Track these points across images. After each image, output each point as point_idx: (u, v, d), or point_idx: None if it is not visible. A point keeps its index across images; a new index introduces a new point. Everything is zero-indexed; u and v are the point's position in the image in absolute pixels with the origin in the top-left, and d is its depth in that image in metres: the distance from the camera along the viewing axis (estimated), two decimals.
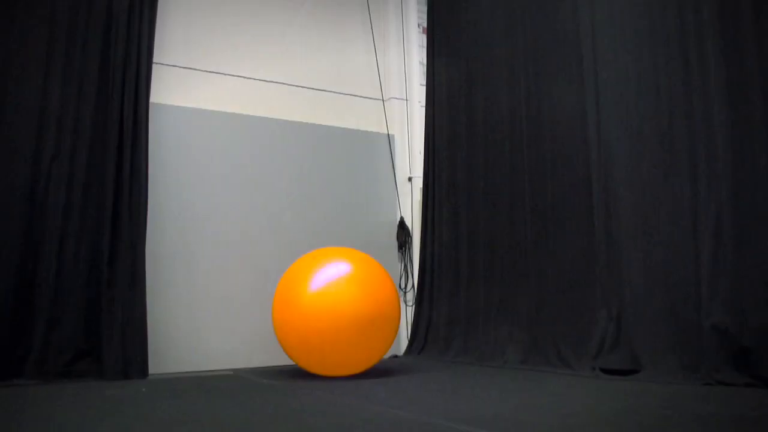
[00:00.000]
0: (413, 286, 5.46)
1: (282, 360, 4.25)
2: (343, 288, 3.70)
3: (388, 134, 5.67)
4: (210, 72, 4.84)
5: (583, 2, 4.11)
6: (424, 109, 5.61)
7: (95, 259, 4.00)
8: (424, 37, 5.72)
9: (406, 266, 5.52)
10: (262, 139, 5.00)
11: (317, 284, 3.70)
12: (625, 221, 3.73)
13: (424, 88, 5.64)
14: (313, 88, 5.29)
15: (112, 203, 4.03)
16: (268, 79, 5.10)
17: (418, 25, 5.84)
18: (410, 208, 5.63)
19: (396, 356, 5.22)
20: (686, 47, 3.48)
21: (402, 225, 5.57)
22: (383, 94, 5.69)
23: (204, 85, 4.80)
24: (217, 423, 2.53)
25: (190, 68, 4.75)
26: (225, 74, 4.91)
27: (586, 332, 3.87)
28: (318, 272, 3.75)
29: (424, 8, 5.74)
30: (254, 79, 5.04)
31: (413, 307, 5.39)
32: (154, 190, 4.27)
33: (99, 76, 4.13)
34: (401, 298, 5.49)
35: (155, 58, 4.37)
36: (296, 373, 4.05)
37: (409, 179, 5.68)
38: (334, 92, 5.41)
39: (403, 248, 5.54)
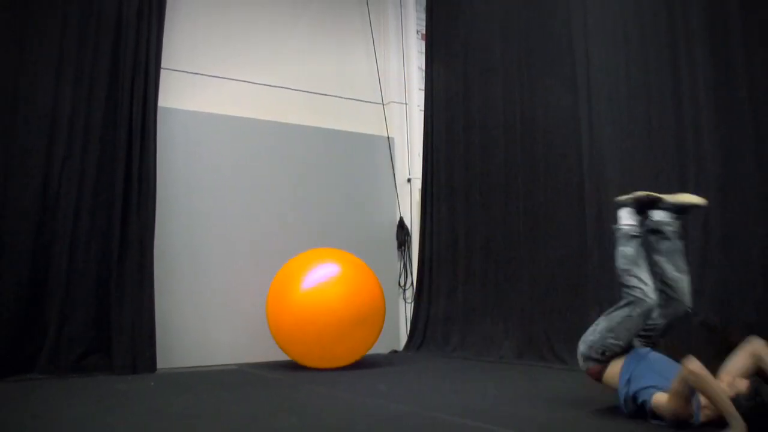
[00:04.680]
0: (412, 283, 5.57)
1: (284, 355, 4.35)
2: (331, 287, 4.02)
3: (388, 137, 5.77)
4: (216, 77, 4.95)
5: (576, 10, 4.23)
6: (422, 112, 5.72)
7: (105, 257, 4.11)
8: (423, 43, 5.83)
9: (405, 264, 5.63)
10: (266, 142, 5.11)
11: (308, 283, 4.02)
12: (616, 221, 3.82)
13: (423, 92, 5.75)
14: (315, 93, 5.41)
15: (122, 203, 4.14)
16: (271, 84, 5.21)
17: (417, 32, 5.95)
18: (409, 208, 5.74)
19: (395, 351, 5.33)
20: (676, 52, 3.60)
21: (401, 225, 5.68)
22: (383, 98, 5.80)
23: (210, 89, 4.91)
24: (222, 416, 2.63)
25: (197, 73, 4.86)
26: (230, 79, 5.01)
27: (579, 328, 3.95)
28: (309, 273, 4.09)
29: (423, 15, 5.85)
30: (258, 83, 5.15)
31: (412, 303, 5.51)
32: (162, 191, 4.38)
33: (109, 81, 4.24)
34: (401, 296, 5.60)
35: (163, 64, 4.48)
36: (298, 368, 4.15)
37: (408, 180, 5.79)
38: (336, 96, 5.52)
39: (403, 247, 5.65)
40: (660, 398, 2.22)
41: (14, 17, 3.98)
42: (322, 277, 4.06)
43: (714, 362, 2.30)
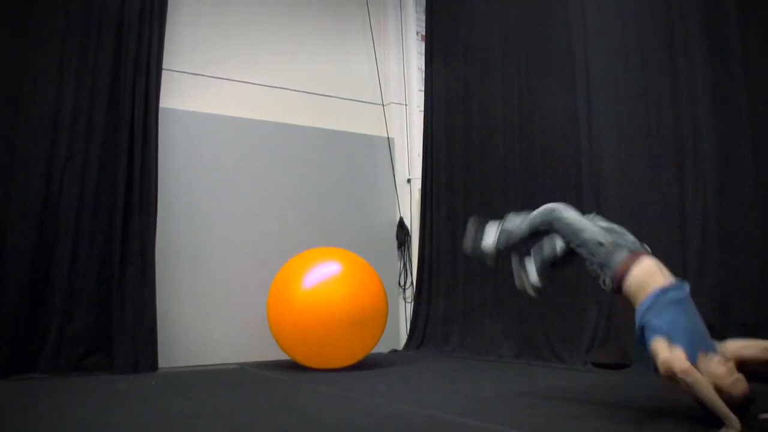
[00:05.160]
0: (412, 283, 5.59)
1: (285, 355, 4.37)
2: (333, 286, 3.98)
3: (388, 138, 5.80)
4: (217, 78, 4.97)
5: (575, 11, 4.25)
6: (422, 113, 5.74)
7: (107, 257, 4.12)
8: (423, 45, 5.85)
9: (405, 264, 5.65)
10: (268, 143, 5.13)
11: (309, 282, 3.99)
12: (614, 221, 3.84)
13: (423, 93, 5.77)
14: (315, 94, 5.43)
15: (123, 204, 4.15)
16: (272, 85, 5.23)
17: (417, 33, 5.97)
18: (409, 208, 5.76)
19: (395, 350, 5.36)
20: (674, 54, 3.62)
21: (401, 225, 5.70)
22: (383, 99, 5.83)
23: (211, 90, 4.93)
24: (223, 415, 2.64)
25: (198, 74, 4.88)
26: (232, 80, 5.03)
27: (578, 328, 4.00)
28: (310, 272, 4.06)
29: (423, 17, 5.87)
30: (259, 84, 5.17)
31: (412, 303, 5.53)
32: (164, 192, 4.40)
33: (110, 82, 4.25)
34: (401, 295, 5.62)
35: (164, 65, 4.50)
36: (299, 367, 4.16)
37: (408, 181, 5.81)
38: (336, 97, 5.55)
39: (403, 247, 5.67)
40: (660, 346, 2.13)
41: (15, 17, 3.99)
42: (323, 276, 4.04)
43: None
